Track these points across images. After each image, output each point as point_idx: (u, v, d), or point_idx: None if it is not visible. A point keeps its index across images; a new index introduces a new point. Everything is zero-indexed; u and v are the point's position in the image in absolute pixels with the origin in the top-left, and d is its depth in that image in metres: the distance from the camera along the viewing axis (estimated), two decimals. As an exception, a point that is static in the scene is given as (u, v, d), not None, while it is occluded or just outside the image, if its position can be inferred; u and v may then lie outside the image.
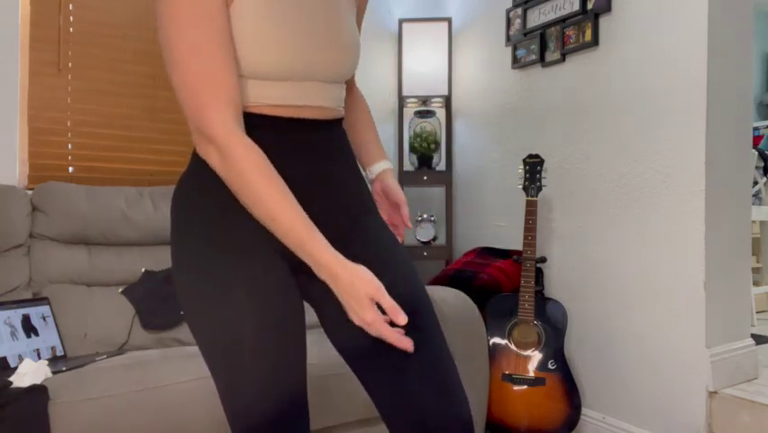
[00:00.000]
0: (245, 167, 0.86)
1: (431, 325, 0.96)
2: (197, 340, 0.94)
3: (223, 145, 0.86)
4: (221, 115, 0.87)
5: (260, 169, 0.86)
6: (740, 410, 1.79)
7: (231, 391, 0.90)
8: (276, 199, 0.86)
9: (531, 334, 2.13)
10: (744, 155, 1.97)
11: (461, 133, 2.95)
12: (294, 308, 0.94)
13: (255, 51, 0.90)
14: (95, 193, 2.09)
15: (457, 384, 0.94)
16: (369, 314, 0.86)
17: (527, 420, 2.07)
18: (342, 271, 0.86)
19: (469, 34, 2.88)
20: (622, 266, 2.10)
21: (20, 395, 1.37)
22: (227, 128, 0.87)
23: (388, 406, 0.93)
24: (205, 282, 0.91)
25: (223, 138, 0.86)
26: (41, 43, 2.23)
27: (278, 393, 0.90)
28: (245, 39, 0.90)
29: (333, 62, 0.97)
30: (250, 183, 0.86)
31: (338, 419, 1.74)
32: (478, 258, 2.53)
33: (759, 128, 4.72)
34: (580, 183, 2.27)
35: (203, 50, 0.86)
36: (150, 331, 1.99)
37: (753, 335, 2.06)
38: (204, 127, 0.87)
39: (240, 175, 0.86)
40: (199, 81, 0.86)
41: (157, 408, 1.50)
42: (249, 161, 0.86)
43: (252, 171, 0.86)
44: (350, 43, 1.00)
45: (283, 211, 0.86)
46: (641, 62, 2.04)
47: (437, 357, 0.94)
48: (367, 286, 0.86)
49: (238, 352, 0.89)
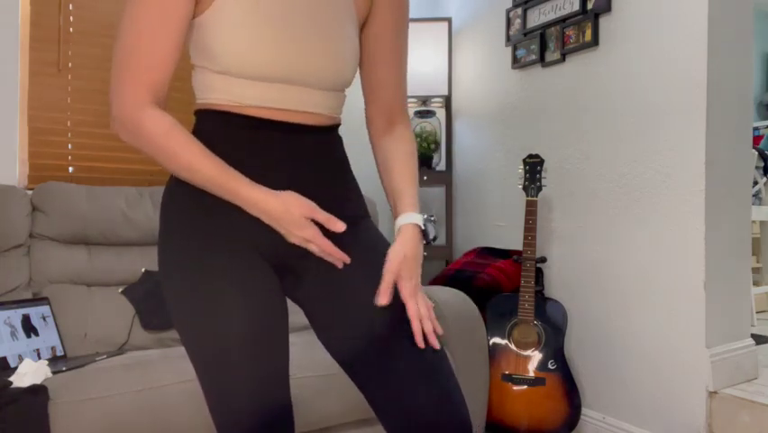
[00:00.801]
0: (154, 132, 0.87)
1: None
2: (185, 345, 0.94)
3: (129, 121, 0.88)
4: (134, 96, 0.88)
5: (169, 130, 0.88)
6: (740, 410, 1.79)
7: (217, 398, 0.91)
8: (191, 151, 0.88)
9: (531, 334, 2.13)
10: (744, 155, 1.97)
11: (461, 133, 2.95)
12: (279, 312, 0.95)
13: (236, 48, 0.90)
14: (95, 193, 2.09)
15: (452, 384, 0.94)
16: (308, 231, 0.90)
17: (527, 420, 2.07)
18: (273, 201, 0.89)
19: (469, 34, 2.88)
20: (622, 266, 2.10)
21: (20, 395, 1.37)
22: (136, 106, 0.88)
23: (382, 406, 0.94)
24: (189, 289, 0.91)
25: (130, 114, 0.87)
26: (41, 43, 2.23)
27: (265, 400, 0.91)
28: (226, 33, 0.89)
29: (319, 68, 0.96)
30: (161, 144, 0.87)
31: (338, 419, 1.74)
32: (478, 258, 2.53)
33: (759, 128, 4.73)
34: (580, 183, 2.27)
35: (144, 30, 0.87)
36: (150, 331, 1.99)
37: (753, 335, 2.06)
38: (113, 102, 0.89)
39: (150, 140, 0.88)
40: (128, 58, 0.87)
41: (157, 408, 1.50)
42: (157, 126, 0.87)
43: (162, 134, 0.87)
44: (340, 51, 0.98)
45: (199, 160, 0.88)
46: (641, 62, 2.04)
47: (431, 358, 0.94)
48: (301, 208, 0.89)
49: (224, 360, 0.89)
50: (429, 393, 0.91)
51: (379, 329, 0.94)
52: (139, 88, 0.88)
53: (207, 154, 0.89)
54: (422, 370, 0.92)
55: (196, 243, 0.93)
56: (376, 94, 1.09)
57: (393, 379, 0.92)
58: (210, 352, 0.90)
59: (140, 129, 0.87)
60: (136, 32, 0.87)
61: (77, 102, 2.31)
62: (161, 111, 0.89)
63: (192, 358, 0.93)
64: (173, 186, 0.98)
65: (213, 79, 0.94)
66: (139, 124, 0.87)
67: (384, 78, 1.08)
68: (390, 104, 1.09)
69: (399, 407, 0.91)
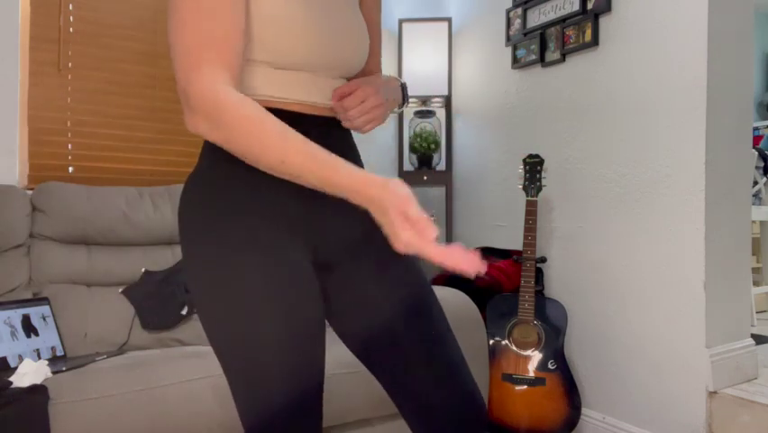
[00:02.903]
0: (237, 120, 0.77)
1: (437, 316, 0.98)
2: (212, 335, 0.90)
3: (211, 104, 0.77)
4: (212, 75, 0.78)
5: (252, 115, 0.77)
6: (740, 410, 1.79)
7: (248, 387, 0.88)
8: (279, 138, 0.77)
9: (531, 334, 2.13)
10: (744, 155, 1.97)
11: (461, 133, 2.95)
12: (315, 301, 0.92)
13: (276, 34, 0.86)
14: (95, 193, 2.09)
15: (466, 371, 0.96)
16: (404, 234, 0.74)
17: (527, 420, 2.07)
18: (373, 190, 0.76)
19: (469, 34, 2.88)
20: (622, 266, 2.10)
21: (20, 395, 1.37)
22: (216, 87, 0.78)
23: (401, 398, 0.95)
24: (225, 282, 0.87)
25: (211, 97, 0.77)
26: (41, 43, 2.23)
27: (300, 387, 0.89)
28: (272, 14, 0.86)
29: (348, 55, 0.95)
30: (245, 134, 0.77)
31: (338, 419, 1.74)
32: (478, 258, 2.53)
33: (759, 128, 4.72)
34: (580, 183, 2.27)
35: (207, 6, 0.79)
36: (150, 331, 1.99)
37: (753, 335, 2.06)
38: (189, 86, 0.78)
39: (233, 130, 0.77)
40: (196, 38, 0.78)
41: (157, 408, 1.50)
42: (239, 112, 0.77)
43: (245, 121, 0.77)
44: (361, 36, 0.98)
45: (289, 149, 0.77)
46: (641, 62, 2.04)
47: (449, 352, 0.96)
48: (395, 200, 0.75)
49: (259, 346, 0.86)
50: (447, 384, 0.93)
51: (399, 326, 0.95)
52: (216, 68, 0.79)
53: (292, 135, 0.78)
54: (441, 361, 0.94)
55: (231, 240, 0.88)
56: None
57: (413, 369, 0.93)
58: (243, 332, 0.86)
59: (222, 110, 0.77)
60: (201, 13, 0.79)
61: (77, 102, 2.31)
62: (241, 95, 0.80)
63: (218, 341, 0.89)
64: (198, 183, 0.92)
65: (253, 72, 0.89)
66: (221, 104, 0.77)
67: (372, 49, 1.10)
68: (372, 71, 1.11)
69: (418, 398, 0.93)
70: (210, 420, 1.55)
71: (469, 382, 0.96)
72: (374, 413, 1.81)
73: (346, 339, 1.01)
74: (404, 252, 0.75)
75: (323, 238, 0.95)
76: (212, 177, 0.91)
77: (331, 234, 0.96)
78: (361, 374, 1.75)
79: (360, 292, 0.98)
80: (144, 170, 2.45)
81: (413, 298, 0.97)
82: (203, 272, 0.89)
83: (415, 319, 0.95)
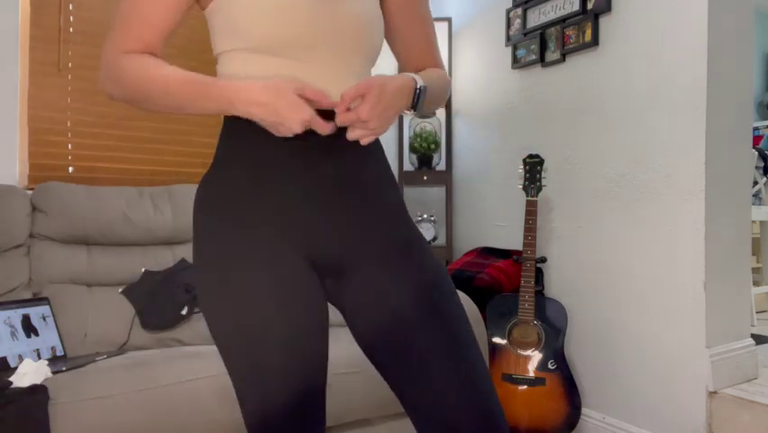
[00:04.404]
0: (131, 65, 0.89)
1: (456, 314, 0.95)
2: (215, 333, 0.91)
3: (113, 65, 0.90)
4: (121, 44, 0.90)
5: (140, 64, 0.89)
6: (740, 410, 1.79)
7: (250, 385, 0.88)
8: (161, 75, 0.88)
9: (531, 334, 2.13)
10: (744, 155, 1.97)
11: (461, 133, 2.95)
12: (318, 302, 0.93)
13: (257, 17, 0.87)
14: (95, 193, 2.09)
15: (483, 376, 0.92)
16: (306, 112, 0.84)
17: (527, 420, 2.07)
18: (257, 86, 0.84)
19: (469, 34, 2.88)
20: (622, 266, 2.10)
21: (20, 395, 1.37)
22: (122, 52, 0.90)
23: (412, 402, 0.92)
24: (229, 281, 0.89)
25: (114, 59, 0.90)
26: (41, 43, 2.23)
27: (301, 386, 0.89)
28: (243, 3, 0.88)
29: (335, 41, 0.92)
30: (134, 76, 0.88)
31: (338, 420, 1.75)
32: (478, 258, 2.53)
33: (759, 128, 4.72)
34: (580, 183, 2.27)
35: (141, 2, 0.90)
36: (150, 331, 1.99)
37: (753, 335, 2.06)
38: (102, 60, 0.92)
39: (129, 76, 0.89)
40: (121, 20, 0.91)
41: (157, 408, 1.50)
42: (135, 60, 0.89)
43: (136, 67, 0.89)
44: (356, 25, 0.95)
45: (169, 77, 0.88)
46: (641, 62, 2.04)
47: (462, 351, 0.92)
48: (291, 83, 0.84)
49: (261, 345, 0.87)
50: (461, 389, 0.89)
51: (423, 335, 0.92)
52: (127, 38, 0.90)
53: (182, 71, 0.89)
54: (455, 363, 0.91)
55: (240, 239, 0.90)
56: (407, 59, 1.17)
57: (425, 374, 0.90)
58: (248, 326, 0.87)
59: (121, 69, 0.89)
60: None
61: (77, 102, 2.31)
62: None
63: (223, 337, 0.90)
64: (212, 183, 0.95)
65: (245, 61, 0.91)
66: (120, 64, 0.89)
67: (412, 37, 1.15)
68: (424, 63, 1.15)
69: (430, 403, 0.90)
70: (210, 420, 1.55)
71: (488, 399, 0.90)
72: (374, 413, 1.81)
73: (365, 348, 0.98)
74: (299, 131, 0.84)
75: (330, 241, 0.94)
76: (221, 178, 0.94)
77: (339, 238, 0.95)
78: (361, 374, 1.75)
79: (377, 297, 0.95)
80: (144, 170, 2.45)
81: (430, 300, 0.94)
82: (208, 271, 0.91)
83: (433, 328, 0.92)
